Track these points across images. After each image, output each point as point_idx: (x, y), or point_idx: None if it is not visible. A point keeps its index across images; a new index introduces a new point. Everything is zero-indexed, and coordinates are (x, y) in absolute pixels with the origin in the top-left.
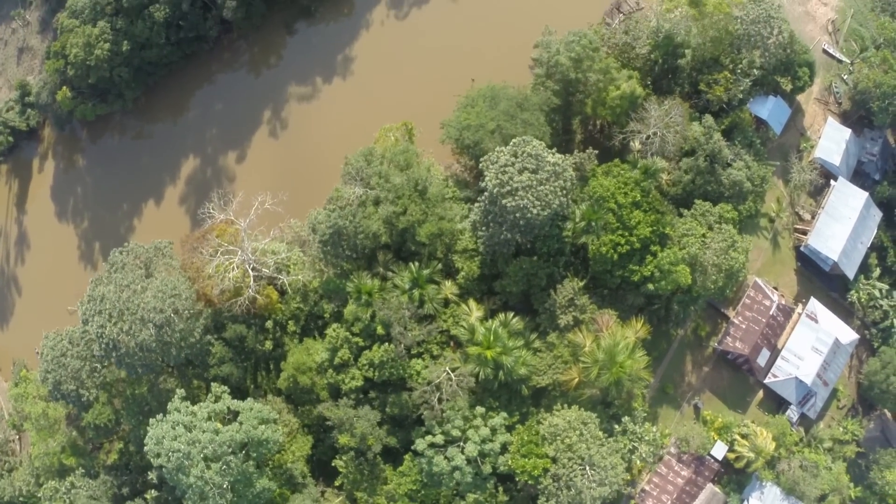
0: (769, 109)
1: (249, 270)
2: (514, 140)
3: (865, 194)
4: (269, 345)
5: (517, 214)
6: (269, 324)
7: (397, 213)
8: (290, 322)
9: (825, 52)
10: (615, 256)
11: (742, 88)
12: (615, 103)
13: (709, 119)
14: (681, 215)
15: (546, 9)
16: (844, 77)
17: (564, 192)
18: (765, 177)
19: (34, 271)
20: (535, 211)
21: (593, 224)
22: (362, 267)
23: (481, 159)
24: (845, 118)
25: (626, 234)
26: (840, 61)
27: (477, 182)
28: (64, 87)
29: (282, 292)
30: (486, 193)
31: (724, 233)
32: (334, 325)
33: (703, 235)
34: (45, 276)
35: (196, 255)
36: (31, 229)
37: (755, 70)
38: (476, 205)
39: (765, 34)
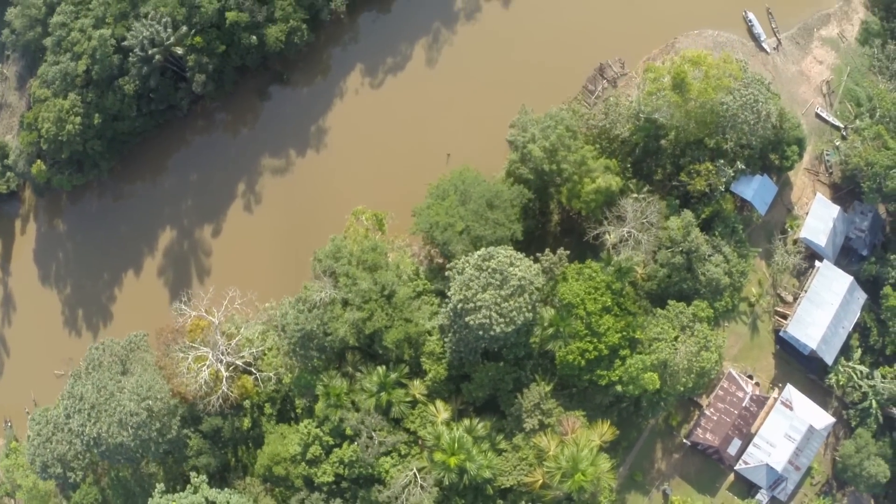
0: (754, 190)
1: (222, 370)
2: (479, 252)
3: (850, 279)
4: (247, 423)
5: (480, 332)
6: (246, 403)
7: (364, 319)
8: (266, 404)
9: (818, 116)
10: (582, 363)
11: (724, 180)
12: (590, 197)
13: (688, 215)
14: (654, 313)
15: (526, 76)
16: (837, 144)
17: (530, 306)
18: (744, 271)
19: (21, 331)
20: (498, 329)
21: (561, 330)
22: (332, 363)
23: (447, 266)
24: (835, 190)
25: (595, 340)
26: (834, 126)
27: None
28: (38, 161)
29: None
30: (450, 305)
31: (696, 335)
32: (306, 421)
33: (675, 338)
34: (31, 337)
35: (170, 353)
36: (16, 290)
37: (740, 162)
38: (442, 309)
39: (751, 121)
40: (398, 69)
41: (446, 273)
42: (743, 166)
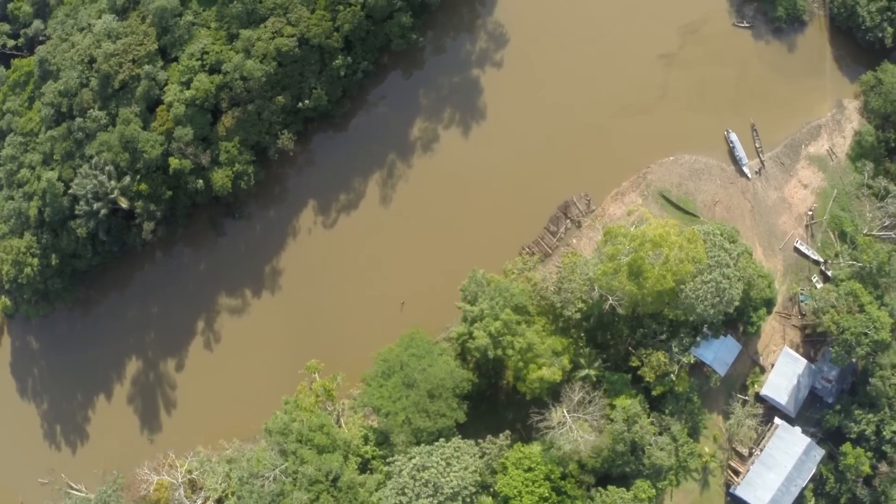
0: (714, 353)
1: None
2: (414, 461)
3: (807, 440)
4: None
5: None
6: None
7: (311, 500)
8: None
9: (797, 250)
10: None
11: (679, 366)
12: (534, 385)
13: (634, 406)
14: (593, 497)
15: (485, 213)
16: (815, 279)
17: None
18: (693, 451)
19: (5, 436)
20: None
21: None
22: None
23: (387, 460)
24: (806, 336)
25: None
26: (814, 261)
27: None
28: (3, 298)
29: None
30: None
31: None
32: None
33: None
34: (16, 443)
35: None
36: None
37: (700, 335)
38: (385, 491)
39: (710, 307)
40: (351, 207)
41: (386, 469)
42: (706, 331)
